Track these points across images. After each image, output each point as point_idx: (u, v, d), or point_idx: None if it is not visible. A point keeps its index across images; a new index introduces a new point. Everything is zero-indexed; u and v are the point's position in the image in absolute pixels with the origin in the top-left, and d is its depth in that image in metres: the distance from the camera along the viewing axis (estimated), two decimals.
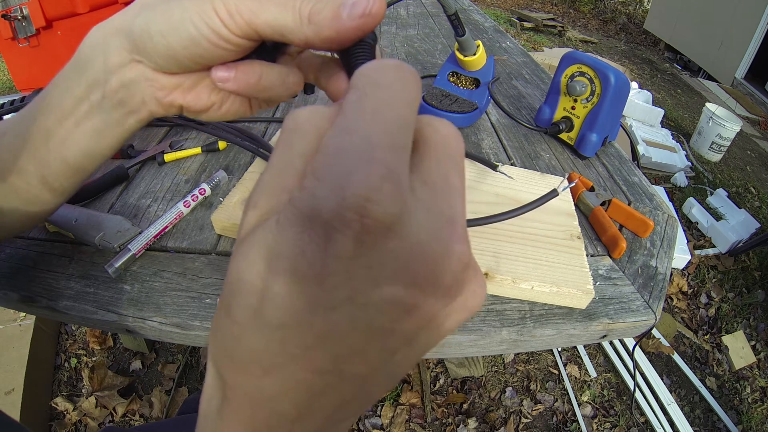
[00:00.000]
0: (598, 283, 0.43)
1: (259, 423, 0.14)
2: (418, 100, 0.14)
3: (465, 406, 1.26)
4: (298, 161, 0.14)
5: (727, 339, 1.54)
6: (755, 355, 1.50)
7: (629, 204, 0.53)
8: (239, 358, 0.13)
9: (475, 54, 0.65)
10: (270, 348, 0.12)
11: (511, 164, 0.60)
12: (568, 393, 1.32)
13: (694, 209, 2.06)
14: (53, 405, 1.17)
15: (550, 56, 3.47)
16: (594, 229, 0.49)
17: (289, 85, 0.23)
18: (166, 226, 0.43)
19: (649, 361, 1.42)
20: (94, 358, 1.29)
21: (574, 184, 0.53)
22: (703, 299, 1.71)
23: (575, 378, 1.37)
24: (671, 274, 1.65)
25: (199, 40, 0.20)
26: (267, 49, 0.23)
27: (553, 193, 0.37)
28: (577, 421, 1.25)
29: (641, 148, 2.30)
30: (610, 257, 0.46)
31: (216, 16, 0.19)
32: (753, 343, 1.55)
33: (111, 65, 0.22)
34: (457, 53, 0.66)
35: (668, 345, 1.48)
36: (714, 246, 1.92)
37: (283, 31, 0.20)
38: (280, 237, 0.12)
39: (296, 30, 0.19)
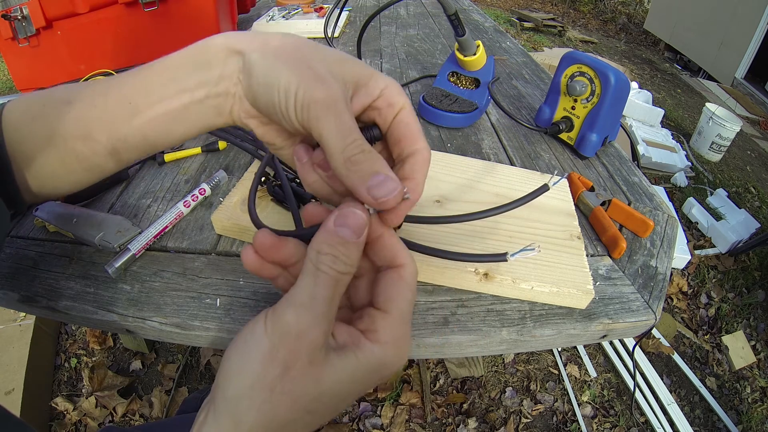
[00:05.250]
0: (598, 283, 0.43)
1: None
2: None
3: (465, 406, 1.26)
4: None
5: (727, 339, 1.54)
6: (755, 355, 1.50)
7: (629, 204, 0.53)
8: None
9: (475, 54, 0.65)
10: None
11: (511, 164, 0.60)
12: (568, 393, 1.32)
13: (694, 209, 2.06)
14: (53, 405, 1.17)
15: (550, 56, 3.47)
16: (594, 229, 0.49)
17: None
18: (166, 226, 0.43)
19: (649, 361, 1.42)
20: (94, 358, 1.29)
21: (565, 177, 0.53)
22: (703, 299, 1.71)
23: (575, 378, 1.37)
24: (671, 274, 1.65)
25: (275, 107, 0.24)
26: None
27: (544, 188, 0.36)
28: (577, 421, 1.25)
29: (641, 148, 2.30)
30: (610, 257, 0.46)
31: (293, 102, 0.23)
32: (753, 343, 1.55)
33: (225, 75, 0.26)
34: (457, 53, 0.66)
35: (668, 345, 1.48)
36: (714, 246, 1.91)
37: (326, 149, 0.23)
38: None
39: (335, 158, 0.22)
